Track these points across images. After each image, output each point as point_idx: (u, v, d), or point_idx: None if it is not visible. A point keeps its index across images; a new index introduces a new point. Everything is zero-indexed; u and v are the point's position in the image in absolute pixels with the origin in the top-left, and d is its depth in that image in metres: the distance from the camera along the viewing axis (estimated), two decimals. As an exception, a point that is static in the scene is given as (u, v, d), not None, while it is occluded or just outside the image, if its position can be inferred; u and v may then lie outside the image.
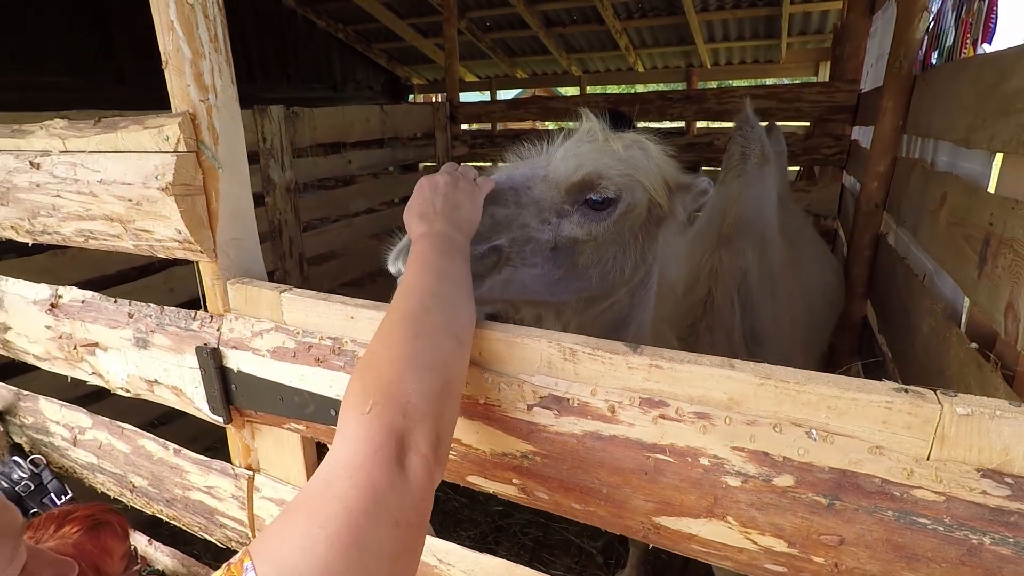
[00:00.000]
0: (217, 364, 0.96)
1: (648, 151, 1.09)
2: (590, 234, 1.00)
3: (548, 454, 0.70)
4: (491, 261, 0.92)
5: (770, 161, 1.69)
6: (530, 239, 0.96)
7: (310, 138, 3.50)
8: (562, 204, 0.99)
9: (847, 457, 0.56)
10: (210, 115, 0.90)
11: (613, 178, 1.02)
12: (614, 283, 1.08)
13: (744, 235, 1.56)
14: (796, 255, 1.81)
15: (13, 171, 1.08)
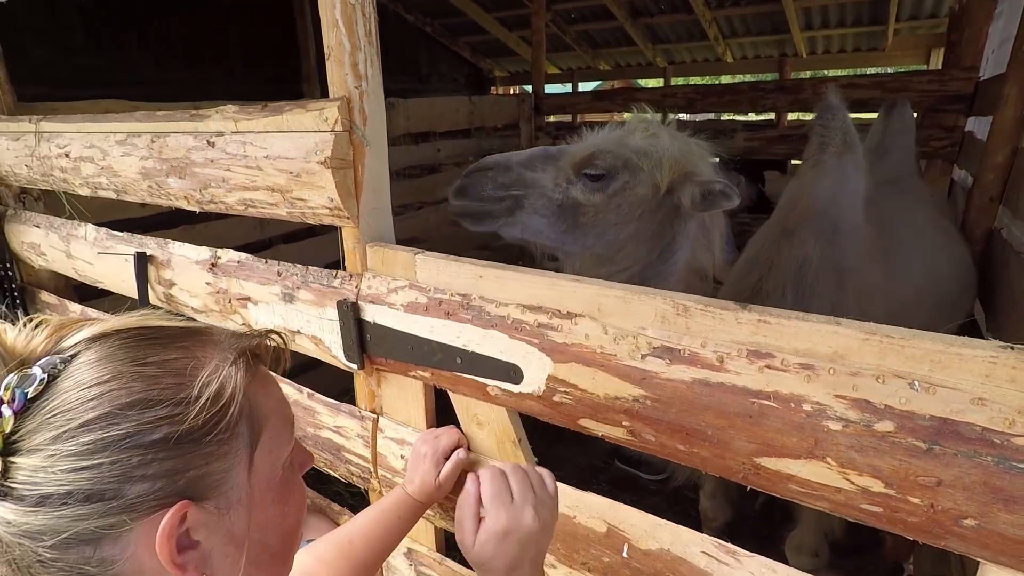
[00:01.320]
0: (355, 317, 1.10)
1: (663, 145, 1.32)
2: (589, 201, 1.31)
3: (658, 398, 0.78)
4: (506, 205, 1.30)
5: (854, 150, 1.67)
6: (543, 195, 1.30)
7: (403, 127, 3.71)
8: (571, 174, 1.31)
9: (948, 407, 0.61)
10: (362, 100, 1.04)
11: (607, 158, 1.31)
12: (620, 250, 1.34)
13: (810, 226, 1.56)
14: (890, 246, 1.76)
15: (192, 149, 1.27)
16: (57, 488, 0.44)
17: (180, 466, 0.48)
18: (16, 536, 0.44)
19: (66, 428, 0.45)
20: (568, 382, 0.86)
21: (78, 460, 0.44)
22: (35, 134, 1.75)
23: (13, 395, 0.45)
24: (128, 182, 1.48)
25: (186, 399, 0.49)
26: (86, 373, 0.47)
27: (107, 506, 0.45)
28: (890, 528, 0.68)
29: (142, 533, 0.47)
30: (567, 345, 0.85)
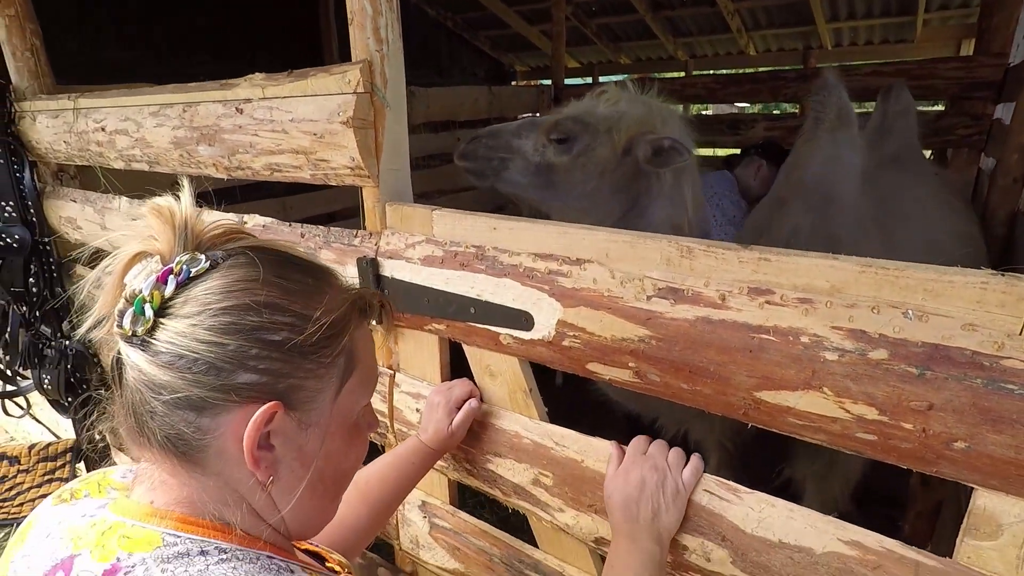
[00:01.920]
0: (375, 272, 1.15)
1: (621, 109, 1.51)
2: (558, 162, 1.50)
3: (663, 337, 0.81)
4: (494, 166, 1.54)
5: (848, 126, 1.71)
6: (524, 158, 1.52)
7: (423, 116, 3.76)
8: (544, 139, 1.51)
9: (940, 333, 0.63)
10: (383, 63, 1.08)
11: (568, 123, 1.50)
12: (592, 205, 1.52)
13: (802, 197, 1.61)
14: (888, 221, 1.75)
15: (221, 116, 1.33)
16: (188, 352, 0.51)
17: (285, 370, 0.55)
18: (140, 384, 0.52)
19: (210, 307, 0.52)
20: (577, 326, 0.90)
21: (212, 335, 0.52)
22: (73, 111, 1.83)
23: (181, 270, 0.53)
24: (160, 152, 1.55)
25: (307, 317, 0.56)
26: (238, 271, 0.55)
27: (220, 382, 0.52)
28: (884, 457, 0.70)
29: (235, 419, 0.53)
30: (576, 290, 0.89)
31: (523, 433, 1.05)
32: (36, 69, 2.12)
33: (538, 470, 1.03)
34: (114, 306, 0.53)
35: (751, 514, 0.81)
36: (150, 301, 0.51)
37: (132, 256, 0.55)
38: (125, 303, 0.52)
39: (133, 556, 0.50)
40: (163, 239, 0.55)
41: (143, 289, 0.52)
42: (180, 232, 0.55)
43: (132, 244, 0.56)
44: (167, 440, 0.53)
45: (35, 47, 2.13)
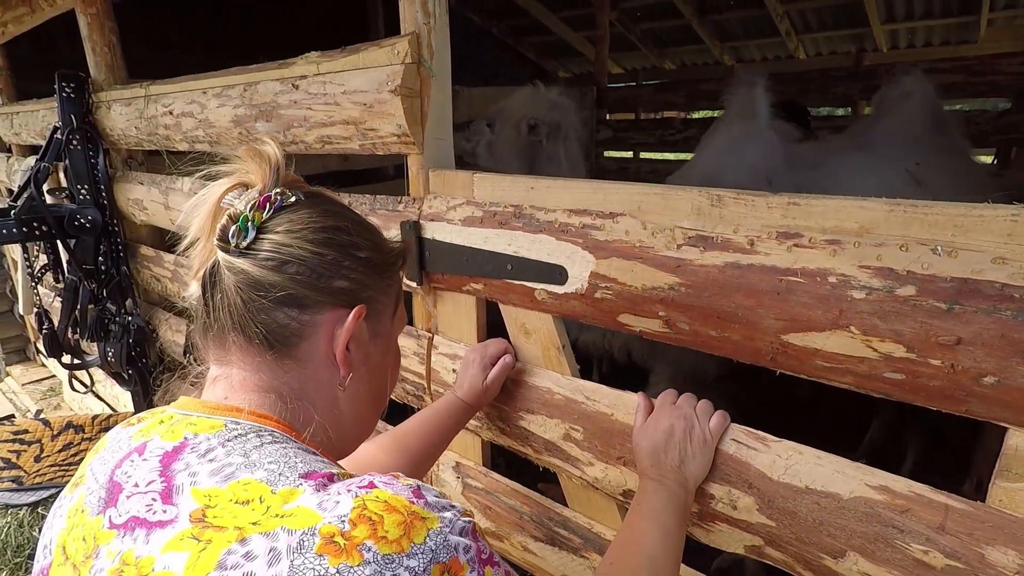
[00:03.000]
0: (417, 235, 1.20)
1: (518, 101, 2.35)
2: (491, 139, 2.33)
3: (692, 284, 0.84)
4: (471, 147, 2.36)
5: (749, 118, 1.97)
6: (484, 141, 2.34)
7: (466, 114, 3.84)
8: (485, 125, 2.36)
9: (969, 268, 0.64)
10: (430, 35, 1.14)
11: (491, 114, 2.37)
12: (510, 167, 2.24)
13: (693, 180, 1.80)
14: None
15: (278, 93, 1.42)
16: (291, 257, 0.60)
17: (368, 283, 0.66)
18: (243, 285, 0.60)
19: (310, 226, 0.62)
20: (608, 277, 0.92)
21: (313, 246, 0.61)
22: (144, 97, 1.98)
23: (277, 199, 0.62)
24: (221, 131, 1.65)
25: (381, 243, 0.69)
26: (323, 204, 0.65)
27: (319, 283, 0.61)
28: (912, 399, 0.70)
29: (328, 318, 0.63)
30: (608, 242, 0.92)
31: (555, 389, 1.08)
32: (112, 63, 2.29)
33: (569, 425, 1.06)
34: (210, 227, 0.61)
35: (778, 461, 0.81)
36: (253, 221, 0.60)
37: (229, 187, 0.63)
38: (228, 220, 0.60)
39: (199, 436, 0.56)
40: (258, 175, 0.63)
41: (246, 210, 0.60)
42: (273, 171, 0.64)
43: (227, 179, 0.64)
44: (269, 333, 0.61)
45: (112, 43, 2.30)
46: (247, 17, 5.08)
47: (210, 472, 0.51)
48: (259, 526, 0.46)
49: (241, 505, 0.48)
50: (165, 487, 0.51)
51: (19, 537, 2.16)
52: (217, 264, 0.60)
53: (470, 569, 0.48)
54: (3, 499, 2.22)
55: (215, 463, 0.52)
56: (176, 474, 0.52)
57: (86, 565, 0.51)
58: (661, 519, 0.79)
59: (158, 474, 0.53)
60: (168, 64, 4.72)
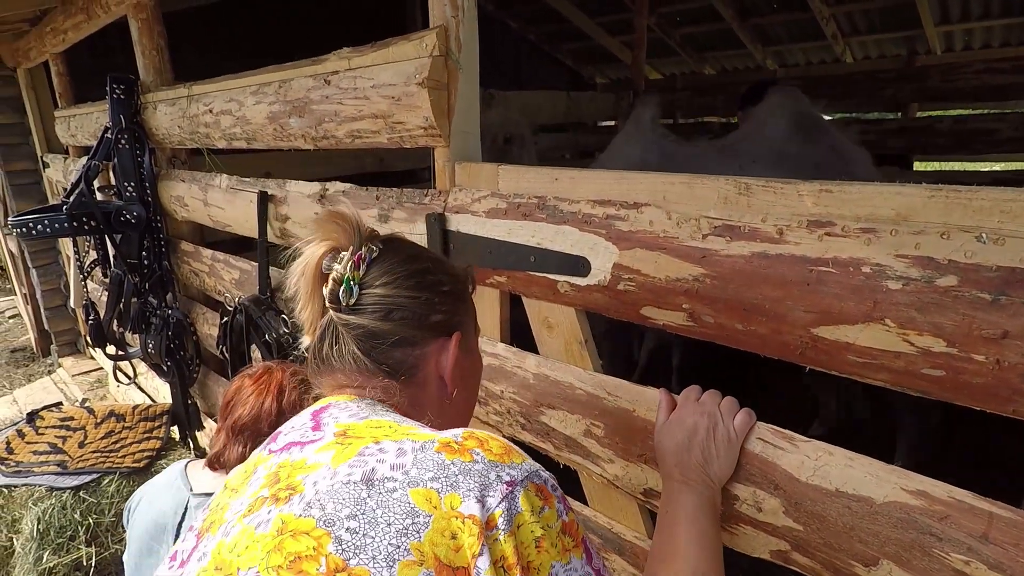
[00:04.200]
0: (442, 227, 1.20)
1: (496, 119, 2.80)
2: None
3: (717, 275, 0.81)
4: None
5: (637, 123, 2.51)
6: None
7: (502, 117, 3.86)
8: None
9: (1018, 255, 0.59)
10: (458, 28, 1.14)
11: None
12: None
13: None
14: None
15: (311, 89, 1.44)
16: (394, 306, 0.70)
17: (456, 310, 0.75)
18: (363, 337, 0.70)
19: (400, 274, 0.71)
20: (632, 268, 0.90)
21: (409, 291, 0.71)
22: (187, 97, 2.04)
23: (367, 256, 0.71)
24: (257, 128, 1.69)
25: (455, 274, 0.78)
26: (403, 251, 0.75)
27: (421, 322, 0.71)
28: (954, 397, 0.66)
29: (433, 350, 0.73)
30: (632, 232, 0.90)
31: (577, 384, 1.06)
32: (160, 66, 2.38)
33: (590, 421, 1.03)
34: (317, 291, 0.71)
35: (807, 462, 0.77)
36: (353, 280, 0.69)
37: (324, 252, 0.71)
38: (335, 284, 0.69)
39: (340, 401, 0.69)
40: (344, 236, 0.71)
41: (346, 272, 0.69)
42: (356, 230, 0.71)
43: (320, 245, 0.71)
44: (392, 369, 0.71)
45: (160, 47, 2.39)
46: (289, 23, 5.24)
47: (348, 416, 0.65)
48: (389, 437, 0.59)
49: (375, 428, 0.61)
50: (314, 425, 0.65)
51: (62, 519, 2.24)
52: (332, 322, 0.71)
53: (557, 500, 0.57)
54: (48, 482, 2.31)
55: (352, 412, 0.66)
56: (323, 418, 0.65)
57: (245, 483, 0.63)
58: (698, 524, 0.76)
59: (309, 419, 0.66)
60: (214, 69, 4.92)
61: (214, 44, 4.93)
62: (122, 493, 2.38)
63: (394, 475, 0.55)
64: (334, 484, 0.55)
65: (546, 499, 0.56)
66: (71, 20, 2.89)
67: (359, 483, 0.54)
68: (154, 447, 2.59)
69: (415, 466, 0.55)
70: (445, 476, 0.54)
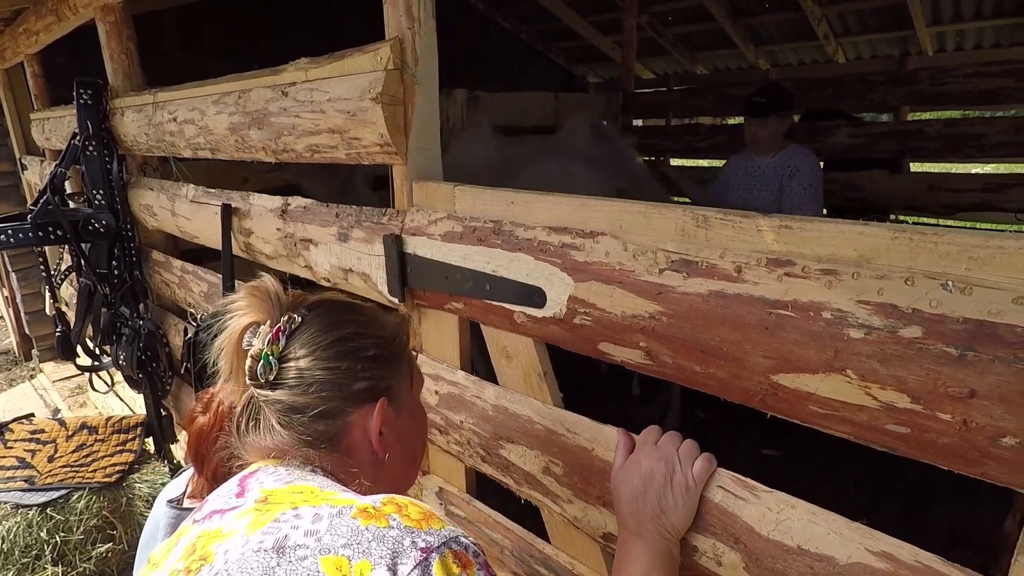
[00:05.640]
0: (398, 249, 1.15)
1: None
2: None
3: (674, 314, 0.75)
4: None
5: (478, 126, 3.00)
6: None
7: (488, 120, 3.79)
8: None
9: (986, 308, 0.54)
10: (414, 40, 1.08)
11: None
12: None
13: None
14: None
15: (269, 100, 1.38)
16: (315, 379, 0.68)
17: (382, 375, 0.72)
18: (284, 412, 0.67)
19: (319, 345, 0.69)
20: (587, 302, 0.85)
21: (328, 363, 0.68)
22: (152, 104, 1.98)
23: (286, 327, 0.69)
24: (220, 139, 1.63)
25: (382, 335, 0.75)
26: (325, 318, 0.72)
27: (343, 393, 0.69)
28: (920, 455, 0.61)
29: (356, 417, 0.69)
30: (588, 264, 0.84)
31: (535, 418, 1.00)
32: (129, 70, 2.31)
33: (548, 458, 0.98)
34: (236, 368, 0.69)
35: (768, 515, 0.72)
36: (272, 354, 0.67)
37: (243, 328, 0.70)
38: (253, 361, 0.67)
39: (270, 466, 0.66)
40: (264, 309, 0.70)
41: (264, 347, 0.67)
42: (275, 302, 0.71)
43: (240, 320, 0.70)
44: (313, 440, 0.68)
45: (129, 51, 2.32)
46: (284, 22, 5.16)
47: (274, 480, 0.63)
48: (308, 502, 0.57)
49: (296, 493, 0.60)
50: (239, 491, 0.63)
51: (27, 538, 2.18)
52: (253, 397, 0.69)
53: (478, 567, 0.54)
54: (14, 499, 2.25)
55: (279, 476, 0.63)
56: (249, 483, 0.63)
57: (165, 556, 0.60)
58: None
59: (236, 484, 0.64)
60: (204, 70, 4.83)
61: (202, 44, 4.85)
62: (91, 509, 2.32)
63: (307, 542, 0.52)
64: (244, 552, 0.53)
65: (465, 566, 0.53)
66: (42, 21, 2.82)
67: (270, 551, 0.52)
68: (127, 460, 2.52)
69: (329, 532, 0.53)
70: (358, 543, 0.52)
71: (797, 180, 2.45)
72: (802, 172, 2.45)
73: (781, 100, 2.52)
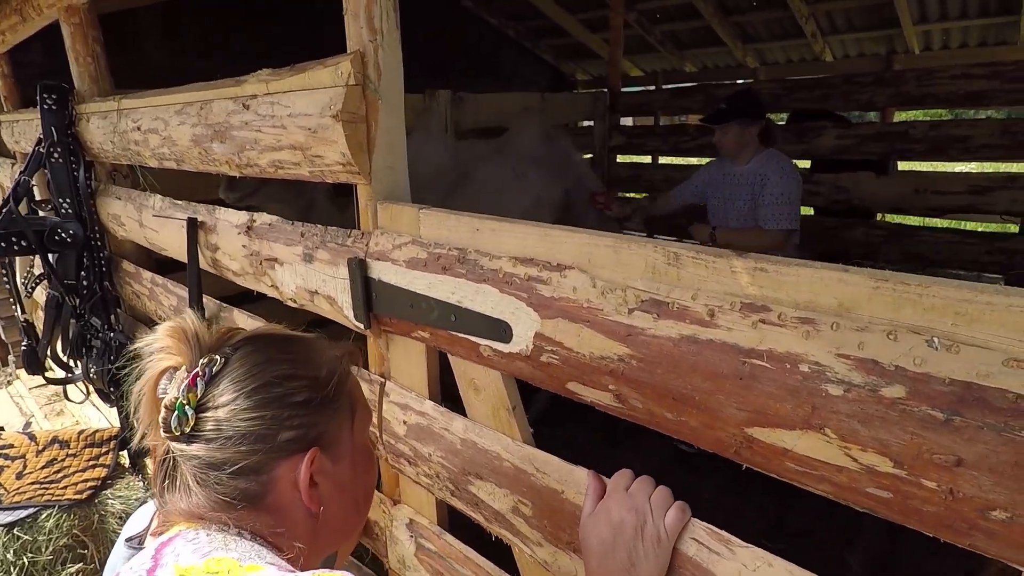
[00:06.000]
0: (363, 274, 1.09)
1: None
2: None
3: (644, 358, 0.70)
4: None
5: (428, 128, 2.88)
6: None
7: (472, 122, 3.73)
8: None
9: (974, 369, 0.49)
10: (376, 54, 1.03)
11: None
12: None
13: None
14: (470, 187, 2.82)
15: (231, 113, 1.32)
16: (235, 431, 0.60)
17: (314, 421, 0.65)
18: (201, 467, 0.61)
19: (241, 392, 0.62)
20: (554, 340, 0.80)
21: (251, 412, 0.61)
22: (117, 111, 1.90)
23: (205, 372, 0.62)
24: (184, 150, 1.57)
25: (316, 376, 0.67)
26: (250, 358, 0.64)
27: (267, 445, 0.61)
28: (904, 521, 0.56)
29: (284, 470, 0.63)
30: (555, 299, 0.79)
31: (504, 455, 0.95)
32: (96, 74, 2.23)
33: (518, 497, 0.93)
34: (152, 418, 0.63)
35: (744, 572, 0.68)
36: (188, 403, 0.60)
37: (158, 373, 0.64)
38: (167, 411, 0.60)
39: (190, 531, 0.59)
40: (182, 352, 0.64)
41: (179, 395, 0.60)
42: (193, 343, 0.64)
43: (155, 365, 0.64)
44: (233, 498, 0.61)
45: (96, 53, 2.24)
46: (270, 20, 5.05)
47: (192, 551, 0.56)
48: None
49: (214, 569, 0.54)
50: (153, 564, 0.56)
51: (-7, 559, 2.11)
52: (170, 450, 0.62)
53: None
54: (-20, 519, 2.18)
55: (198, 546, 0.57)
56: (164, 555, 0.57)
57: None
58: None
59: (151, 555, 0.57)
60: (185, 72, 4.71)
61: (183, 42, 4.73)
62: (62, 528, 2.25)
63: None
64: None
65: None
66: (7, 21, 2.73)
67: None
68: (99, 476, 2.45)
69: None
70: None
71: (768, 189, 2.40)
72: (772, 180, 2.40)
73: (743, 106, 2.48)
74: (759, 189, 2.43)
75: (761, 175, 2.43)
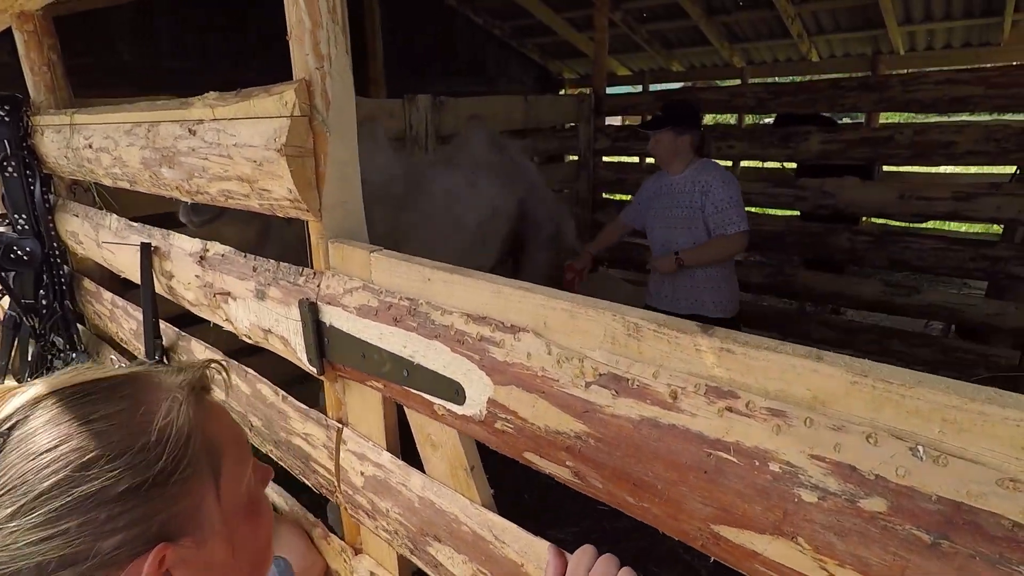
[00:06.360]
0: (315, 318, 1.02)
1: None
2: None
3: (602, 438, 0.64)
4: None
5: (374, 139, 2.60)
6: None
7: (454, 126, 3.64)
8: None
9: (965, 487, 0.43)
10: (324, 82, 0.95)
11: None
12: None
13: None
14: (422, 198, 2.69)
15: (178, 137, 1.24)
16: (27, 562, 0.43)
17: (150, 512, 0.48)
18: None
19: (24, 502, 0.44)
20: (508, 408, 0.73)
21: (43, 530, 0.43)
22: (69, 126, 1.81)
23: None
24: (135, 172, 1.48)
25: (143, 446, 0.48)
26: (32, 441, 0.46)
27: (84, 567, 0.44)
28: (886, 640, 0.50)
29: None
30: (508, 365, 0.72)
31: (462, 518, 0.89)
32: (53, 83, 2.13)
33: (477, 566, 0.87)
34: None
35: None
36: None
37: None
38: None
39: None
40: None
41: None
42: None
43: None
44: None
45: (52, 61, 2.13)
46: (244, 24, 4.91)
47: None
48: None
49: None
50: None
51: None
52: None
53: None
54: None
55: None
56: None
57: None
58: None
59: None
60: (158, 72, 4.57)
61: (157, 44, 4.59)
62: (21, 558, 2.16)
63: None
64: None
65: None
66: (-38, 27, 2.60)
67: None
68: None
69: None
70: None
71: (710, 199, 2.40)
72: (715, 187, 2.39)
73: (679, 115, 2.47)
74: (701, 198, 2.42)
75: (702, 184, 2.42)
